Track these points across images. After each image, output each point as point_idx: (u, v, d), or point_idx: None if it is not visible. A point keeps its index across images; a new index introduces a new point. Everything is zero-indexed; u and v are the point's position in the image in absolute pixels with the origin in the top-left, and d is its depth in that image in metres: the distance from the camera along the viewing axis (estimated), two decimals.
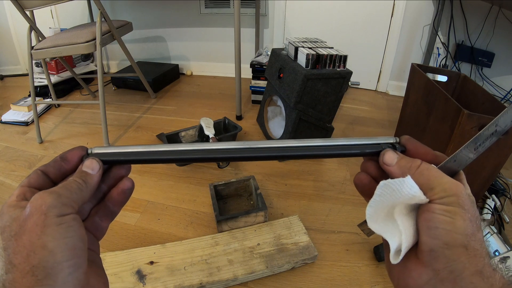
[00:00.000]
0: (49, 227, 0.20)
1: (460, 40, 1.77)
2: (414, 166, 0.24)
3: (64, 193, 0.22)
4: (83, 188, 0.24)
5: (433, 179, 0.23)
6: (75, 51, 1.30)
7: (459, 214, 0.21)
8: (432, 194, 0.23)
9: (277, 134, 1.35)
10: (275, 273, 0.80)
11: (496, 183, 1.07)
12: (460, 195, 0.22)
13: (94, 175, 0.25)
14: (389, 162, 0.26)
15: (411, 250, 0.24)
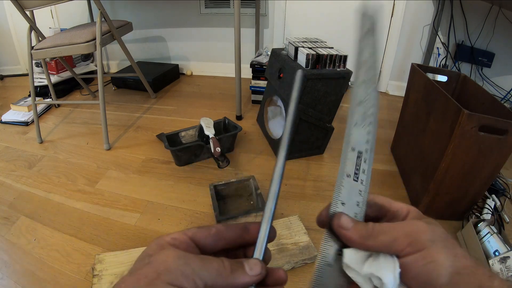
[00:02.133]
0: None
1: (460, 40, 1.77)
2: (370, 228, 0.23)
3: (195, 265, 0.19)
4: (223, 274, 0.20)
5: (391, 231, 0.23)
6: (75, 51, 1.30)
7: (434, 251, 0.21)
8: (397, 245, 0.22)
9: (277, 134, 1.35)
10: None
11: (496, 183, 1.07)
12: (422, 230, 0.22)
13: (248, 276, 0.22)
14: (346, 226, 0.24)
15: None
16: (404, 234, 0.22)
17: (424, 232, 0.22)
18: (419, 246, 0.22)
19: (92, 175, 1.20)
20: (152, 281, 0.18)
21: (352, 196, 0.25)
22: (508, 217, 0.96)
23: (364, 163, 0.26)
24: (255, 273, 0.22)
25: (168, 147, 1.18)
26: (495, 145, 0.80)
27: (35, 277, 0.80)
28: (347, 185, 0.25)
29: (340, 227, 0.24)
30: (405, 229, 0.23)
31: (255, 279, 0.22)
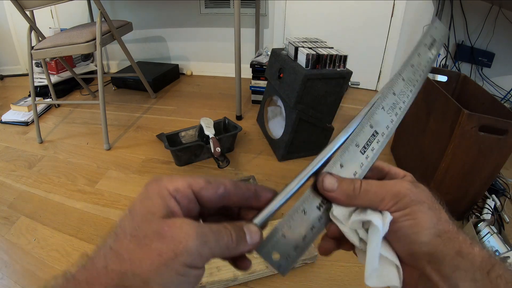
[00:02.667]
0: (168, 270, 0.17)
1: (460, 40, 1.77)
2: (357, 187, 0.23)
3: (212, 242, 0.19)
4: (230, 247, 0.20)
5: (378, 190, 0.23)
6: (75, 51, 1.30)
7: (418, 211, 0.22)
8: (385, 204, 0.23)
9: (277, 134, 1.35)
10: (275, 273, 0.80)
11: (496, 183, 1.07)
12: (409, 192, 0.23)
13: (248, 246, 0.21)
14: (331, 188, 0.24)
15: None
16: (391, 194, 0.23)
17: (410, 193, 0.23)
18: (404, 205, 0.22)
19: (92, 175, 1.20)
20: (168, 262, 0.17)
21: (352, 164, 0.25)
22: (508, 217, 0.96)
23: (376, 143, 0.26)
24: (255, 243, 0.22)
25: (168, 147, 1.18)
26: (495, 145, 0.80)
27: (35, 277, 0.80)
28: (352, 152, 0.26)
29: (326, 189, 0.24)
30: (392, 189, 0.23)
31: (252, 248, 0.22)
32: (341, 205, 0.24)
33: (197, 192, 0.21)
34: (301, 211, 0.25)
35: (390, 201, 0.23)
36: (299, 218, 0.24)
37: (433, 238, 0.22)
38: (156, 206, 0.19)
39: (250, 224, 0.22)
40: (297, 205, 0.25)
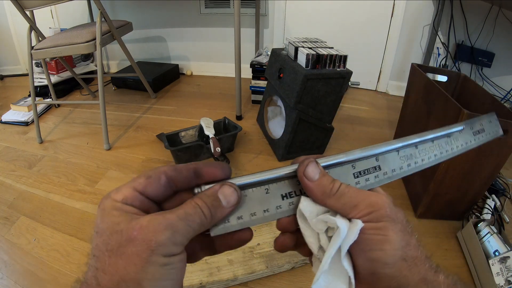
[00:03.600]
0: (151, 266, 0.18)
1: (460, 40, 1.77)
2: (336, 187, 0.23)
3: (182, 228, 0.19)
4: (206, 222, 0.20)
5: (355, 196, 0.22)
6: (75, 51, 1.30)
7: (390, 229, 0.21)
8: (357, 212, 0.22)
9: (277, 134, 1.35)
10: (275, 273, 0.80)
11: (496, 183, 1.07)
12: (386, 207, 0.22)
13: (227, 209, 0.21)
14: (311, 176, 0.23)
15: None
16: (367, 202, 0.22)
17: (387, 207, 0.22)
18: (377, 218, 0.21)
19: (92, 175, 1.20)
20: (148, 259, 0.18)
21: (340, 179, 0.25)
22: (508, 217, 0.96)
23: (374, 177, 0.26)
24: (232, 204, 0.21)
25: (168, 147, 1.18)
26: (495, 145, 0.80)
27: (35, 277, 0.80)
28: (345, 169, 0.25)
29: (305, 176, 0.23)
30: (369, 198, 0.22)
31: (233, 208, 0.22)
32: (314, 199, 0.23)
33: (143, 191, 0.21)
34: (265, 189, 0.24)
35: (364, 210, 0.22)
36: (259, 193, 0.24)
37: (398, 260, 0.20)
38: (116, 217, 0.19)
39: (225, 187, 0.22)
40: (264, 181, 0.24)
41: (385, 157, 0.27)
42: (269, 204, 0.24)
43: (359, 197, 0.22)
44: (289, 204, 0.24)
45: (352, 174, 0.26)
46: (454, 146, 0.29)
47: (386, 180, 0.26)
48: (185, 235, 0.19)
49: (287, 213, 0.24)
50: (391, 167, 0.27)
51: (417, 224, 0.98)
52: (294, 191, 0.24)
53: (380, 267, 0.21)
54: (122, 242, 0.18)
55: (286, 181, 0.25)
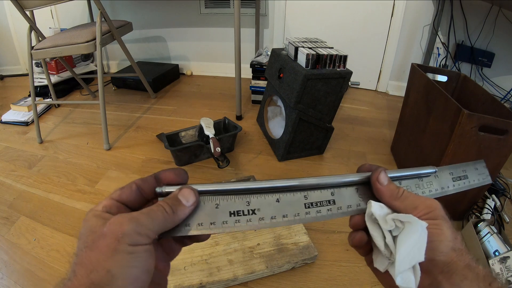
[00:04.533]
0: (118, 254, 0.20)
1: (460, 40, 1.77)
2: (401, 191, 0.28)
3: (145, 221, 0.22)
4: (168, 218, 0.23)
5: (415, 200, 0.27)
6: (75, 51, 1.30)
7: (444, 225, 0.26)
8: (417, 212, 0.26)
9: (277, 134, 1.35)
10: (275, 273, 0.80)
11: (496, 183, 1.07)
12: (440, 209, 0.27)
13: (187, 207, 0.24)
14: (382, 181, 0.28)
15: None
16: (425, 205, 0.27)
17: (440, 209, 0.27)
18: (435, 216, 0.26)
19: (92, 175, 1.20)
20: (115, 248, 0.20)
21: (288, 207, 0.27)
22: (508, 217, 0.96)
23: (326, 210, 0.28)
24: (192, 202, 0.24)
25: (168, 147, 1.18)
26: (495, 145, 0.80)
27: (35, 277, 0.80)
28: (296, 198, 0.27)
29: (377, 180, 0.28)
30: (426, 201, 0.27)
31: (194, 206, 0.25)
32: (382, 200, 0.28)
33: (118, 199, 0.25)
34: (215, 204, 0.26)
35: (422, 210, 0.26)
36: (209, 206, 0.26)
37: (450, 250, 0.25)
38: (94, 222, 0.22)
39: (183, 189, 0.25)
40: (222, 191, 0.26)
41: (342, 194, 0.28)
42: (216, 218, 0.25)
43: (418, 201, 0.27)
44: (235, 221, 0.26)
45: (303, 205, 0.27)
46: (426, 190, 0.31)
47: (341, 215, 0.28)
48: (150, 227, 0.22)
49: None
50: (346, 203, 0.28)
51: None
52: (242, 210, 0.26)
53: (437, 255, 0.25)
54: (95, 238, 0.21)
55: (234, 198, 0.26)
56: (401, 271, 0.24)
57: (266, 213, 0.26)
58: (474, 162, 0.33)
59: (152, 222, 0.22)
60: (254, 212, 0.26)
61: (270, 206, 0.26)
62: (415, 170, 0.31)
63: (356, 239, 0.29)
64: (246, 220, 0.26)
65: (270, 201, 0.27)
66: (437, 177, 0.31)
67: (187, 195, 0.24)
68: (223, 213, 0.26)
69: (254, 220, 0.26)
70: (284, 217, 0.26)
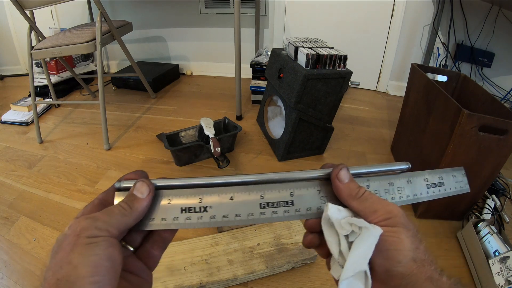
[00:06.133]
0: (78, 246, 0.21)
1: (460, 40, 1.77)
2: (362, 192, 0.26)
3: (102, 217, 0.23)
4: (127, 213, 0.24)
5: (376, 203, 0.26)
6: (75, 51, 1.30)
7: (403, 233, 0.24)
8: (376, 216, 0.25)
9: (277, 134, 1.35)
10: (275, 273, 0.80)
11: (496, 183, 1.07)
12: (401, 215, 0.25)
13: (143, 199, 0.25)
14: (342, 179, 0.27)
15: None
16: (385, 210, 0.25)
17: (401, 216, 0.25)
18: (393, 223, 0.24)
19: (92, 175, 1.20)
20: (75, 242, 0.21)
21: (243, 206, 0.26)
22: (508, 217, 0.96)
23: (283, 212, 0.26)
24: (146, 193, 0.25)
25: (168, 147, 1.18)
26: (495, 145, 0.80)
27: (35, 277, 0.80)
28: (252, 198, 0.26)
29: (337, 177, 0.27)
30: (387, 206, 0.25)
31: (150, 197, 0.25)
32: (341, 199, 0.26)
33: (87, 214, 0.25)
34: (168, 200, 0.26)
35: (382, 215, 0.25)
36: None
37: (409, 260, 0.23)
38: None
39: (137, 183, 0.25)
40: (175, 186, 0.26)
41: (302, 195, 0.27)
42: (167, 214, 0.26)
43: (379, 204, 0.26)
44: (185, 218, 0.26)
45: (258, 205, 0.26)
46: (397, 196, 0.29)
47: (300, 217, 0.26)
48: (108, 222, 0.23)
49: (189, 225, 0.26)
50: (305, 205, 0.27)
51: (417, 224, 0.98)
52: (193, 207, 0.26)
53: (394, 265, 0.23)
54: (60, 243, 0.22)
55: (187, 194, 0.26)
56: (344, 278, 0.23)
57: (218, 211, 0.25)
58: (453, 169, 0.31)
59: (109, 218, 0.23)
60: (205, 210, 0.25)
61: (222, 204, 0.26)
62: (385, 166, 0.30)
63: (306, 241, 0.28)
64: (197, 217, 0.25)
65: (223, 198, 0.26)
66: (410, 183, 0.29)
67: (141, 187, 0.25)
68: (175, 209, 0.25)
69: (205, 218, 0.25)
70: (237, 216, 0.26)
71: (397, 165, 0.30)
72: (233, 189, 0.26)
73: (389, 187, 0.29)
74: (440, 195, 0.30)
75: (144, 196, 0.25)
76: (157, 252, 0.28)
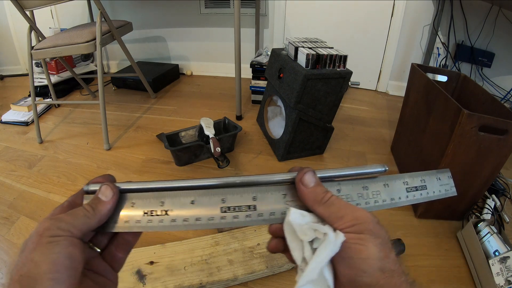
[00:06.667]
0: (40, 245, 0.22)
1: (460, 40, 1.77)
2: (327, 196, 0.25)
3: (65, 218, 0.24)
4: (90, 215, 0.24)
5: (343, 208, 0.24)
6: (75, 51, 1.30)
7: (370, 241, 0.22)
8: (342, 222, 0.23)
9: (277, 134, 1.35)
10: (275, 273, 0.80)
11: (496, 183, 1.07)
12: (370, 222, 0.23)
13: (106, 202, 0.25)
14: (307, 183, 0.25)
15: None
16: (352, 216, 0.24)
17: (370, 222, 0.23)
18: (360, 230, 0.23)
19: (92, 175, 1.20)
20: (39, 241, 0.22)
21: (206, 207, 0.26)
22: (508, 217, 0.96)
23: (245, 216, 0.26)
24: (110, 196, 0.25)
25: (168, 147, 1.18)
26: (495, 145, 0.80)
27: None
28: (213, 199, 0.26)
29: (301, 181, 0.25)
30: (355, 212, 0.24)
31: (114, 200, 0.26)
32: (306, 203, 0.25)
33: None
34: (131, 203, 0.26)
35: (348, 222, 0.23)
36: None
37: (376, 270, 0.22)
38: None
39: (102, 187, 0.26)
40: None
41: (265, 197, 0.26)
42: (130, 217, 0.26)
43: (346, 210, 0.24)
44: (147, 221, 0.26)
45: (219, 208, 0.26)
46: (371, 201, 0.27)
47: (263, 222, 0.26)
48: (71, 224, 0.23)
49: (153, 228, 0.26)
50: (270, 210, 0.26)
51: (417, 224, 0.98)
52: (155, 210, 0.26)
53: (359, 275, 0.22)
54: (25, 243, 0.23)
55: (150, 198, 0.26)
56: (300, 285, 0.22)
57: (179, 215, 0.25)
58: (439, 170, 0.30)
59: (72, 219, 0.24)
60: (167, 213, 0.26)
61: (183, 207, 0.26)
62: (358, 169, 0.28)
63: (270, 246, 0.27)
64: (158, 220, 0.25)
65: (184, 202, 0.26)
66: (387, 187, 0.28)
67: (105, 191, 0.26)
68: (138, 212, 0.26)
69: (165, 221, 0.25)
70: (197, 220, 0.25)
71: (371, 168, 0.28)
72: (195, 193, 0.26)
73: (363, 191, 0.27)
74: (422, 199, 0.29)
75: (108, 199, 0.25)
76: (121, 254, 0.28)
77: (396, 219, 0.99)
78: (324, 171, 0.27)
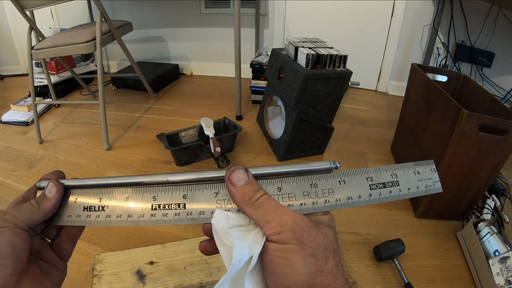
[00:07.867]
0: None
1: (460, 40, 1.77)
2: (256, 197, 0.23)
3: (11, 212, 0.25)
4: (35, 210, 0.26)
5: (271, 211, 0.22)
6: (75, 51, 1.30)
7: (296, 252, 0.20)
8: (268, 228, 0.21)
9: (277, 134, 1.35)
10: None
11: (496, 183, 1.07)
12: (298, 229, 0.20)
13: (51, 198, 0.27)
14: (235, 182, 0.24)
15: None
16: (278, 222, 0.21)
17: (297, 230, 0.20)
18: (284, 240, 0.20)
19: (92, 175, 1.20)
20: None
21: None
22: (508, 217, 0.96)
23: (174, 214, 0.26)
24: (55, 193, 0.27)
25: (168, 147, 1.18)
26: (495, 145, 0.80)
27: None
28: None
29: (229, 180, 0.24)
30: (282, 218, 0.21)
31: (58, 196, 0.27)
32: (235, 203, 0.24)
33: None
34: (74, 198, 0.28)
35: (274, 228, 0.21)
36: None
37: (303, 286, 0.19)
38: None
39: (48, 184, 0.28)
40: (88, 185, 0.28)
41: (195, 195, 0.25)
42: (73, 211, 0.27)
43: (273, 214, 0.21)
44: (86, 216, 0.27)
45: (150, 206, 0.26)
46: (321, 201, 0.24)
47: (190, 221, 0.25)
48: (17, 217, 0.25)
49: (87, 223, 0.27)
50: (199, 209, 0.25)
51: (417, 224, 0.98)
52: (94, 206, 0.27)
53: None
54: None
55: (91, 194, 0.28)
56: None
57: (113, 211, 0.26)
58: (417, 163, 0.25)
59: (18, 213, 0.25)
60: (103, 209, 0.27)
61: (118, 203, 0.27)
62: (302, 166, 0.25)
63: (200, 247, 0.27)
64: (95, 216, 0.27)
65: (119, 199, 0.27)
66: (343, 183, 0.24)
67: (50, 187, 0.27)
68: (79, 208, 0.27)
69: (101, 217, 0.27)
70: (129, 217, 0.26)
71: (317, 165, 0.25)
72: (131, 190, 0.27)
73: (310, 190, 0.24)
74: (392, 198, 0.24)
75: (52, 196, 0.27)
76: (66, 245, 0.30)
77: (396, 219, 0.99)
78: (259, 168, 0.25)
